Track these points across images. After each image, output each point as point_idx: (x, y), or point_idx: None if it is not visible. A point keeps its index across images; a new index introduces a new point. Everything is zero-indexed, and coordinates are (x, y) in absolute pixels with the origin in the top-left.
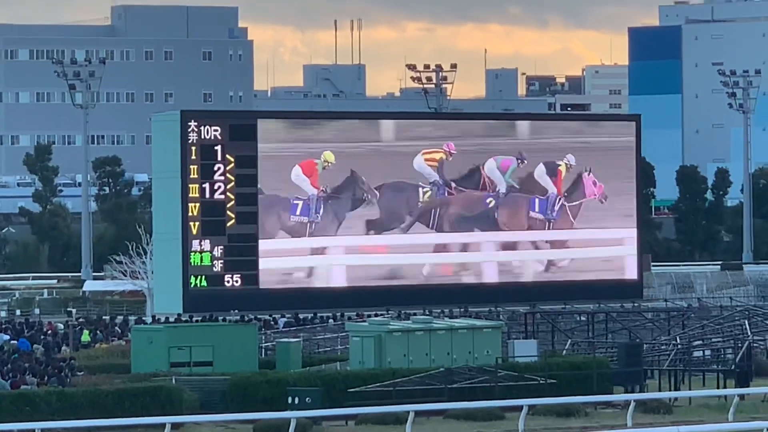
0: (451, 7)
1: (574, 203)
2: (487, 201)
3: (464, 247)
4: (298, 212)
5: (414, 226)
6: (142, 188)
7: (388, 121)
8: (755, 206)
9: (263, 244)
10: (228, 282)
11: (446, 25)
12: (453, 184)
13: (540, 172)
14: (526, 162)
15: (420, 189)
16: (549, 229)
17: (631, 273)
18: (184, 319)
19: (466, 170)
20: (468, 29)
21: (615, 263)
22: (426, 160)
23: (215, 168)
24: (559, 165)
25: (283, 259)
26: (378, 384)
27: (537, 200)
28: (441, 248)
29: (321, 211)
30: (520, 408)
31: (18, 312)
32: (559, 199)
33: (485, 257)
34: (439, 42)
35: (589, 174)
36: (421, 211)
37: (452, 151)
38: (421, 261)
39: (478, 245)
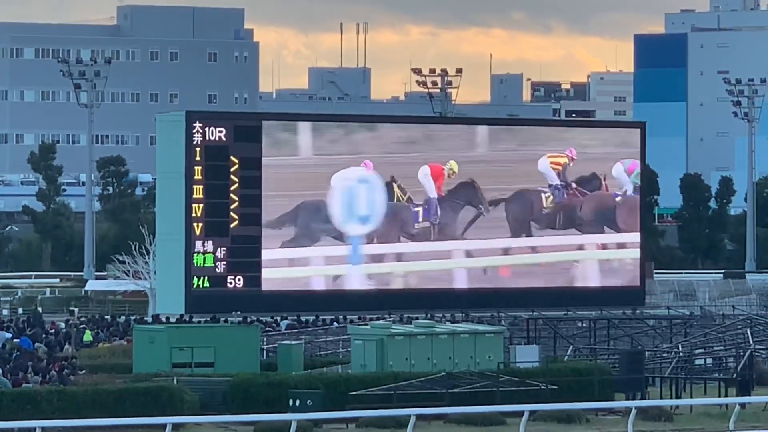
0: (455, 12)
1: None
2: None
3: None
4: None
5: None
6: (146, 188)
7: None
8: (759, 215)
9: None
10: (230, 283)
11: (450, 30)
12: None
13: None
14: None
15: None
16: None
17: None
18: (184, 319)
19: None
20: (472, 34)
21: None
22: (551, 163)
23: (219, 169)
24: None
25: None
26: (379, 387)
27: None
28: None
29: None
30: (521, 413)
31: (21, 310)
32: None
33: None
34: (444, 46)
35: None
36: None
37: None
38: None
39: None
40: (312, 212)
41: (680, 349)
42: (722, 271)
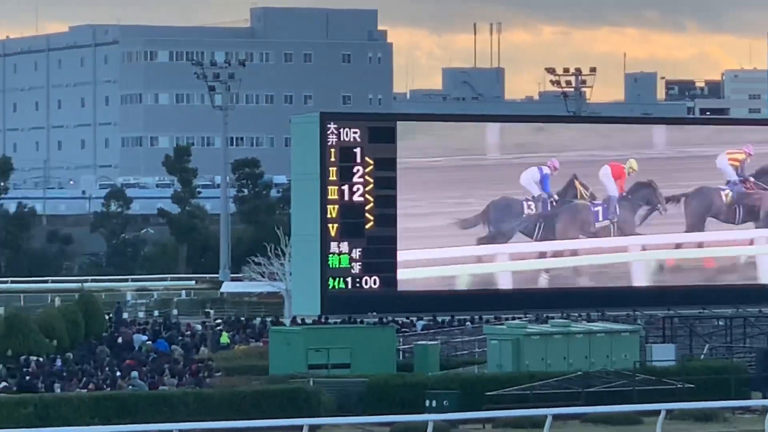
0: (587, 11)
1: None
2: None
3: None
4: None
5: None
6: (281, 190)
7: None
8: None
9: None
10: (366, 284)
11: (583, 29)
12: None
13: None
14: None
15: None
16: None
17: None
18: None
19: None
20: (604, 33)
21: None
22: (730, 160)
23: (354, 170)
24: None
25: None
26: (515, 387)
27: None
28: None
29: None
30: (657, 412)
31: (156, 312)
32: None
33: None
34: (576, 46)
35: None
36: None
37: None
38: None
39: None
40: (502, 210)
41: None
42: None
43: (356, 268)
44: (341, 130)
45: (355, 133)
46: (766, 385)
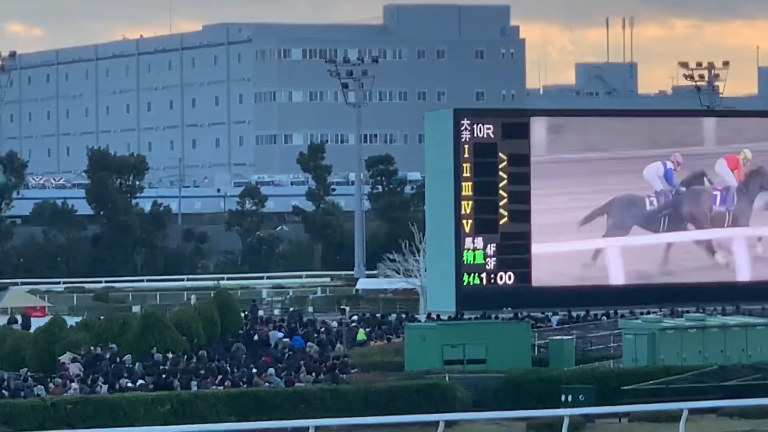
0: (720, 5)
1: None
2: None
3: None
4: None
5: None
6: (415, 186)
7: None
8: None
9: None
10: (501, 279)
11: (715, 23)
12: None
13: None
14: None
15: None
16: None
17: None
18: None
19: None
20: (737, 26)
21: None
22: None
23: (488, 166)
24: None
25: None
26: (651, 381)
27: None
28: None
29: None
30: None
31: (291, 309)
32: None
33: None
34: (708, 39)
35: None
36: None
37: None
38: None
39: None
40: (625, 206)
41: None
42: None
43: (491, 263)
44: (475, 126)
45: (488, 128)
46: None
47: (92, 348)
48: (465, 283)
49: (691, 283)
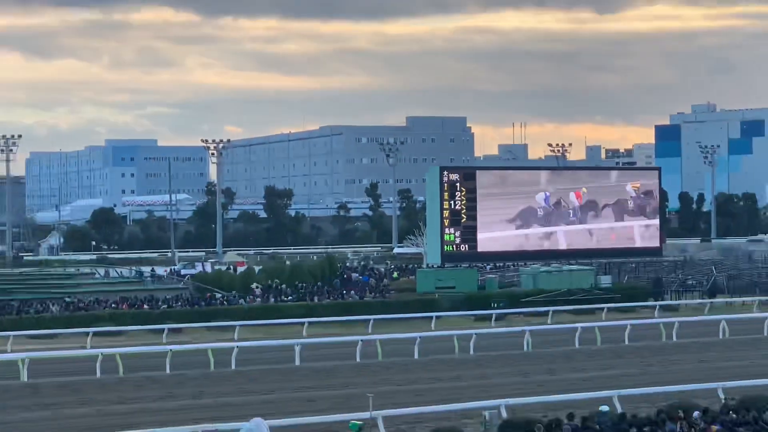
0: (578, 110)
1: None
2: None
3: None
4: None
5: None
6: (421, 203)
7: None
8: None
9: None
10: (462, 248)
11: (573, 125)
12: None
13: None
14: None
15: None
16: None
17: None
18: None
19: None
20: (588, 127)
21: None
22: None
23: (455, 194)
24: None
25: None
26: (538, 297)
27: None
28: None
29: None
30: None
31: None
32: None
33: None
34: (564, 135)
35: None
36: None
37: None
38: None
39: None
40: (527, 213)
41: None
42: None
43: (457, 240)
44: (449, 174)
45: (455, 176)
46: None
47: (268, 281)
48: (445, 250)
49: (556, 250)
